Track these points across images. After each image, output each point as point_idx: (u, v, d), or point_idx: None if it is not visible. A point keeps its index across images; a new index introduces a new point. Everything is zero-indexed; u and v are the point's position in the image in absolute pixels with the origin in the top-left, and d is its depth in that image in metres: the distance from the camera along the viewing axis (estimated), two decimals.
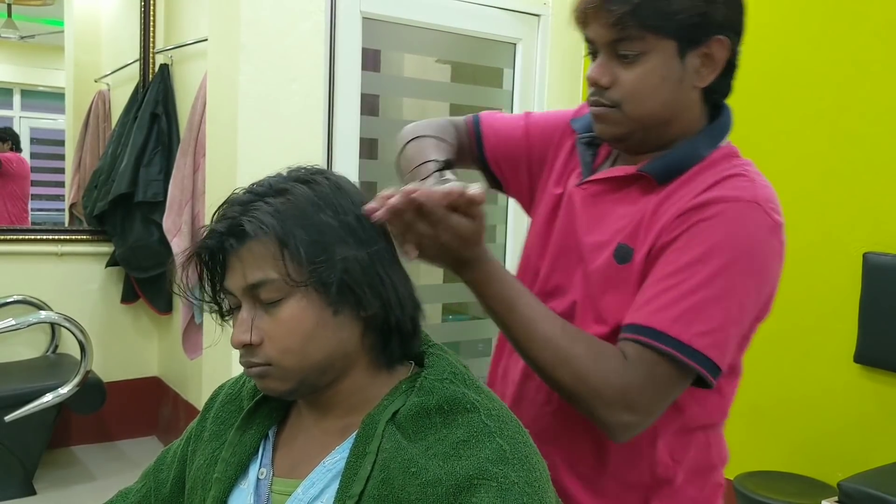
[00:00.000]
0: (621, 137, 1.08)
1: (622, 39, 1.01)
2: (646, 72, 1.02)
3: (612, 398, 0.95)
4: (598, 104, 1.06)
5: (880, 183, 2.32)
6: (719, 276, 0.96)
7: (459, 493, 0.81)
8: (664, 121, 1.06)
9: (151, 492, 1.05)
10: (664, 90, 1.04)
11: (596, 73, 1.05)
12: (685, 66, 1.03)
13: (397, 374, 0.94)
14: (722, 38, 1.05)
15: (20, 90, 4.36)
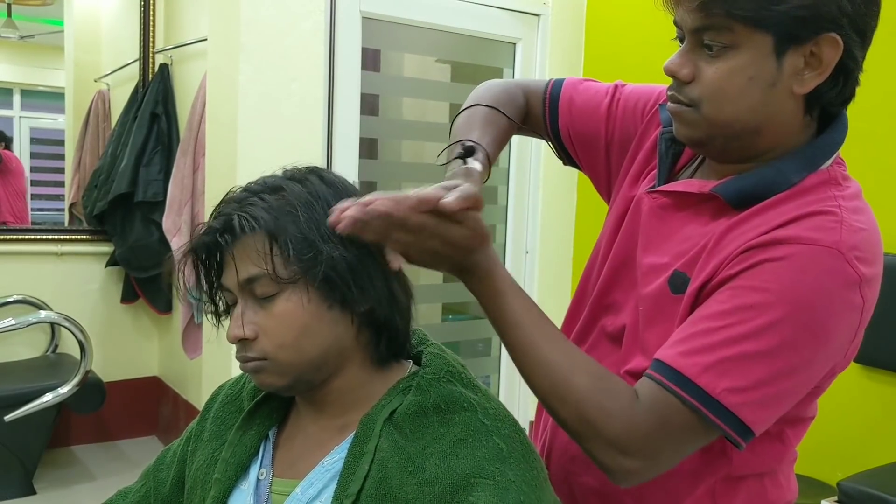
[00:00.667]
0: (699, 142, 0.93)
1: (708, 27, 0.86)
2: (731, 69, 0.86)
3: (612, 439, 0.83)
4: (674, 100, 0.93)
5: (880, 183, 2.32)
6: (772, 329, 0.81)
7: (457, 491, 0.81)
8: (751, 129, 0.89)
9: (151, 491, 1.05)
10: (752, 93, 0.86)
11: (675, 65, 0.92)
12: (782, 66, 0.85)
13: (394, 372, 0.94)
14: (835, 35, 0.85)
15: (20, 90, 4.36)
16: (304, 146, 2.62)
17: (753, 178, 0.89)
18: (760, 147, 0.90)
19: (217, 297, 0.93)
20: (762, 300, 0.81)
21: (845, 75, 0.90)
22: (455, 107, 3.48)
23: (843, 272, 0.83)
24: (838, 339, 0.87)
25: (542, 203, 3.27)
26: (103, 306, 3.75)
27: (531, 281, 3.27)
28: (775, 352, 0.81)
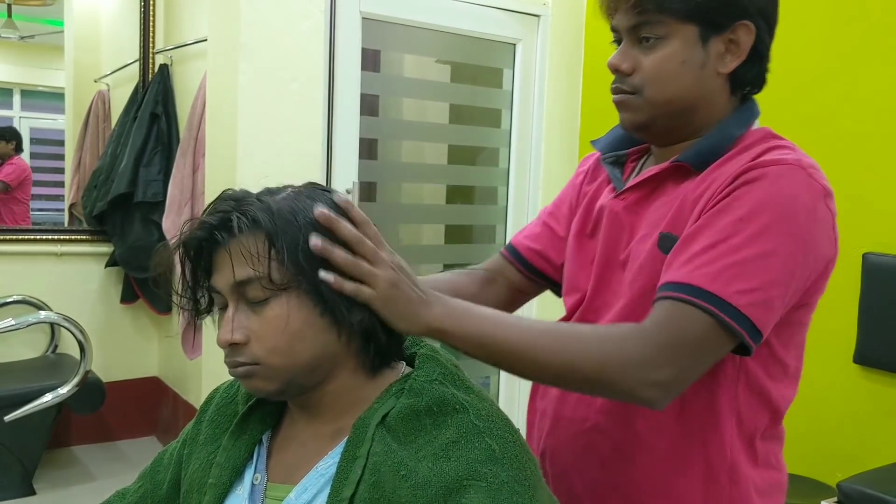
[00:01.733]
0: (644, 125, 1.05)
1: (643, 24, 1.00)
2: (666, 56, 1.00)
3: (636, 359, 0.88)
4: (619, 91, 1.04)
5: (880, 183, 2.32)
6: (761, 235, 0.91)
7: (450, 494, 0.81)
8: (687, 107, 1.03)
9: (148, 493, 1.04)
10: (685, 75, 1.01)
11: (617, 60, 1.03)
12: (708, 51, 1.01)
13: (387, 376, 0.93)
14: (748, 23, 1.01)
15: (20, 90, 4.36)
16: (304, 146, 2.62)
17: (706, 141, 1.03)
18: (697, 123, 1.04)
19: (199, 294, 0.91)
20: (749, 211, 0.92)
21: (759, 58, 1.05)
22: (455, 107, 3.48)
23: (808, 183, 0.95)
24: (818, 245, 0.97)
25: (542, 203, 3.26)
26: (103, 307, 3.75)
27: None
28: (770, 255, 0.91)
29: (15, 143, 4.09)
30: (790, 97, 2.55)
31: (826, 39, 2.45)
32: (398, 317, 0.87)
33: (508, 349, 0.91)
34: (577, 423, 1.09)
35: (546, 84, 3.22)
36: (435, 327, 0.89)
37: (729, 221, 0.92)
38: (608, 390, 0.93)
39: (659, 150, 1.10)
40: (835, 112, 2.43)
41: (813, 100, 2.48)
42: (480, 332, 0.90)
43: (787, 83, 2.56)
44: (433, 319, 0.88)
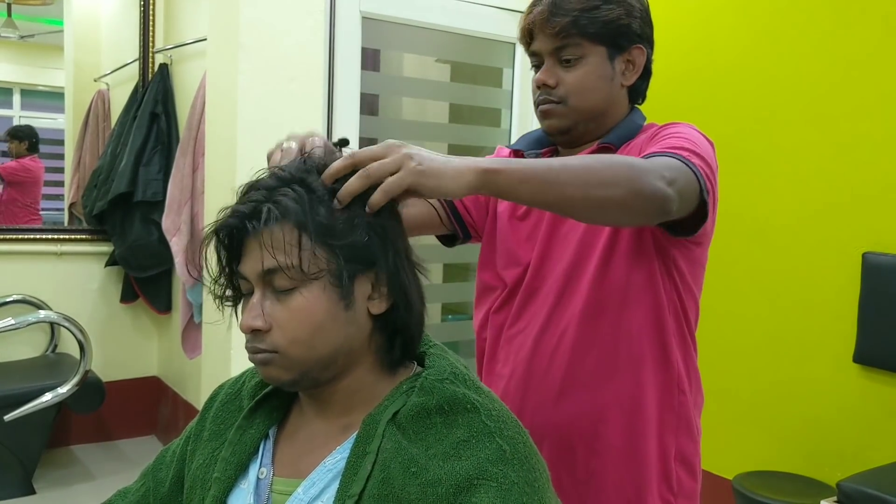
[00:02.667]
0: (567, 129, 1.27)
1: (564, 46, 1.23)
2: (586, 72, 1.24)
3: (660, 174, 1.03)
4: (546, 102, 1.26)
5: (880, 183, 2.32)
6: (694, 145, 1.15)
7: (459, 493, 0.81)
8: (601, 113, 1.27)
9: (150, 491, 1.04)
10: (601, 87, 1.26)
11: (544, 76, 1.26)
12: (614, 68, 1.27)
13: (399, 374, 0.94)
14: (641, 46, 1.29)
15: (20, 90, 4.36)
16: None
17: (620, 129, 1.28)
18: (605, 128, 1.29)
19: (233, 281, 0.91)
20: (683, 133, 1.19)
21: (648, 75, 1.34)
22: (455, 107, 3.48)
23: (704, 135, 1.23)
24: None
25: None
26: (103, 306, 3.75)
27: None
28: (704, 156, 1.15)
29: (28, 143, 4.05)
30: (790, 97, 2.55)
31: (826, 40, 2.45)
32: (441, 177, 0.87)
33: (558, 170, 0.97)
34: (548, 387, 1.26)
35: None
36: (483, 167, 0.90)
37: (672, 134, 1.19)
38: (639, 193, 1.01)
39: (566, 151, 1.32)
40: (835, 112, 2.43)
41: (813, 100, 2.48)
42: (526, 164, 0.95)
43: (787, 83, 2.56)
44: (480, 163, 0.91)
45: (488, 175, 0.91)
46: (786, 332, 2.55)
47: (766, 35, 2.61)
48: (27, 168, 4.07)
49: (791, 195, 2.54)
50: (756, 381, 2.64)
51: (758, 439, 2.63)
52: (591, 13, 1.22)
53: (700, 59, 2.83)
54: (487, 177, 0.91)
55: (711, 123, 2.79)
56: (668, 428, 1.35)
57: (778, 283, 2.57)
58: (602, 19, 1.23)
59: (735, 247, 2.71)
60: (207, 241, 0.89)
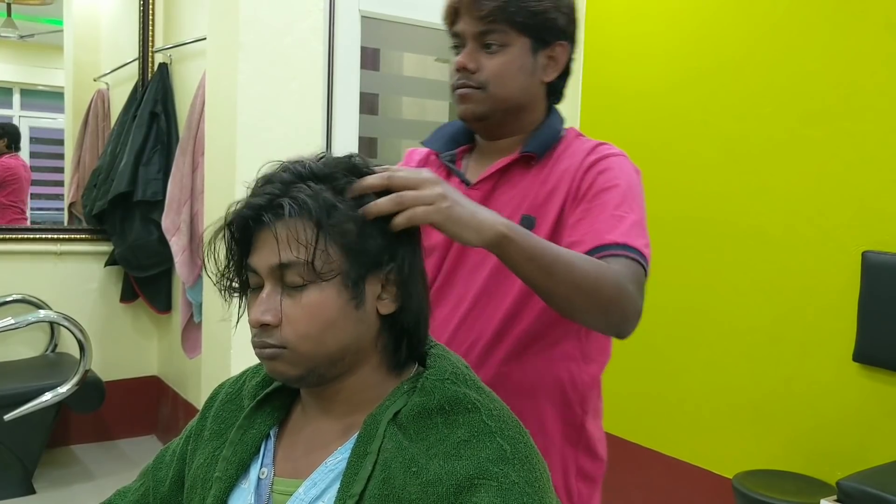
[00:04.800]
0: (483, 116, 1.25)
1: (489, 32, 1.21)
2: (507, 60, 1.22)
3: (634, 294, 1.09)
4: (465, 86, 1.24)
5: (879, 182, 2.32)
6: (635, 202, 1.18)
7: (460, 492, 0.81)
8: (519, 105, 1.26)
9: (150, 490, 1.04)
10: (521, 78, 1.24)
11: (465, 59, 1.23)
12: (536, 61, 1.24)
13: (401, 374, 0.94)
14: (564, 43, 1.26)
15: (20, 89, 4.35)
16: (304, 145, 2.62)
17: (541, 135, 1.27)
18: (522, 121, 1.28)
19: (241, 274, 0.91)
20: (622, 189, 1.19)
21: (567, 73, 1.31)
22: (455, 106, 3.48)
23: (633, 165, 1.25)
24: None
25: None
26: (102, 306, 3.75)
27: None
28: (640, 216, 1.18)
29: (7, 140, 3.98)
30: (791, 96, 2.55)
31: (826, 39, 2.45)
32: (464, 227, 0.92)
33: (563, 265, 1.02)
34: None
35: None
36: (503, 233, 0.95)
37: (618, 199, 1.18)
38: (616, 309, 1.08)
39: (486, 144, 1.31)
40: (835, 110, 2.43)
41: (813, 99, 2.48)
42: (536, 243, 1.00)
43: (787, 83, 2.56)
44: (501, 225, 0.95)
45: (504, 241, 0.96)
46: (785, 332, 2.55)
47: (767, 32, 2.61)
48: (7, 167, 4.02)
49: (791, 194, 2.54)
50: (756, 381, 2.64)
51: (758, 438, 2.63)
52: (520, 1, 1.20)
53: (700, 56, 2.83)
54: (503, 242, 0.96)
55: (711, 122, 2.79)
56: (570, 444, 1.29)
57: (777, 282, 2.57)
58: (530, 9, 1.21)
59: (735, 246, 2.71)
60: (219, 233, 0.89)
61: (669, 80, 2.94)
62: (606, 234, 1.14)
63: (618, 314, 1.09)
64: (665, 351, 2.96)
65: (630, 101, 3.10)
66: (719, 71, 2.76)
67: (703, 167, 2.82)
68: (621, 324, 1.10)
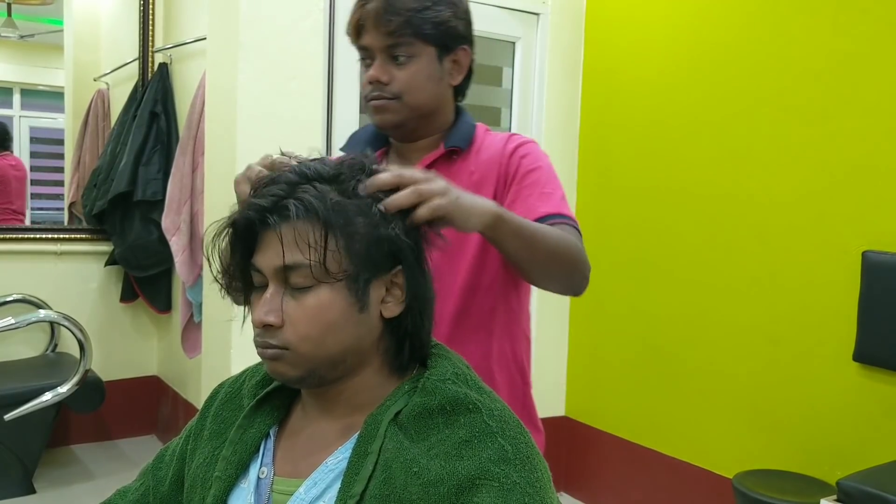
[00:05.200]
0: (399, 124, 1.33)
1: (398, 45, 1.28)
2: (418, 70, 1.29)
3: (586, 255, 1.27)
4: (380, 98, 1.31)
5: (879, 181, 2.32)
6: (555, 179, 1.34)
7: (461, 492, 0.81)
8: (432, 110, 1.34)
9: (150, 490, 1.04)
10: (432, 85, 1.32)
11: (377, 73, 1.29)
12: (443, 67, 1.33)
13: (403, 377, 0.94)
14: (465, 47, 1.35)
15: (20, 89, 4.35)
16: (304, 145, 2.61)
17: (460, 131, 1.38)
18: (435, 123, 1.37)
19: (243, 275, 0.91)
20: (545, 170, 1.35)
21: (470, 74, 1.39)
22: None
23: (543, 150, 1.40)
24: None
25: None
26: (102, 305, 3.75)
27: None
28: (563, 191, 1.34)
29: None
30: (791, 96, 2.55)
31: (827, 38, 2.45)
32: (469, 213, 1.01)
33: (540, 236, 1.18)
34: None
35: (546, 82, 3.22)
36: (498, 214, 1.08)
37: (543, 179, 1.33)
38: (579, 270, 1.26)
39: (403, 146, 1.39)
40: (834, 110, 2.43)
41: (813, 98, 2.48)
42: (520, 220, 1.14)
43: (787, 82, 2.56)
44: (494, 207, 1.08)
45: (499, 221, 1.08)
46: (785, 331, 2.55)
47: (767, 32, 2.61)
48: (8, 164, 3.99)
49: (790, 193, 2.54)
50: (756, 381, 2.64)
51: (758, 438, 2.63)
52: (422, 13, 1.27)
53: (700, 56, 2.83)
54: (498, 222, 1.08)
55: (711, 122, 2.79)
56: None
57: (778, 282, 2.57)
58: (433, 20, 1.28)
59: (735, 245, 2.71)
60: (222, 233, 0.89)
61: (669, 80, 2.94)
62: (542, 207, 1.29)
63: (579, 274, 1.27)
64: (665, 350, 2.96)
65: (630, 101, 3.10)
66: (719, 71, 2.76)
67: (703, 167, 2.82)
68: (582, 283, 1.28)
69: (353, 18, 1.31)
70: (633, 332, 3.10)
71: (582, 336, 3.35)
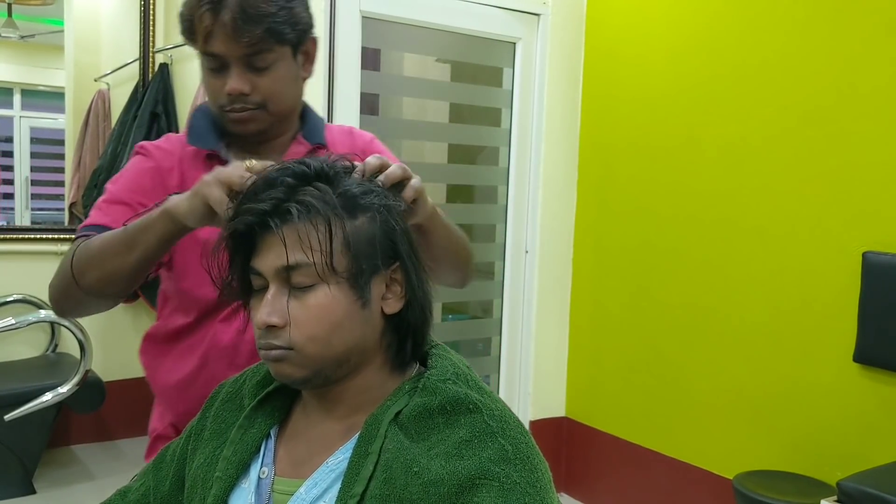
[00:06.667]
0: (265, 130, 1.28)
1: (256, 53, 1.20)
2: (280, 76, 1.24)
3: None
4: (244, 110, 1.23)
5: (879, 182, 2.32)
6: None
7: (462, 492, 0.81)
8: (289, 109, 1.31)
9: (150, 490, 1.04)
10: (293, 87, 1.29)
11: (239, 85, 1.21)
12: (297, 63, 1.28)
13: (405, 375, 0.95)
14: (313, 37, 1.31)
15: (20, 90, 4.34)
16: None
17: (316, 127, 1.37)
18: (292, 119, 1.34)
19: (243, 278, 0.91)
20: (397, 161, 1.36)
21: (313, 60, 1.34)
22: (455, 106, 3.48)
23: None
24: None
25: (541, 203, 3.27)
26: None
27: (531, 280, 3.26)
28: None
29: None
30: (791, 96, 2.55)
31: (826, 39, 2.45)
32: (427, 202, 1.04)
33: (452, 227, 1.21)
34: None
35: (546, 83, 3.23)
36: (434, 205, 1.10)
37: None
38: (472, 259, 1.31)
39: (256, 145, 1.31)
40: (834, 110, 2.43)
41: (812, 98, 2.48)
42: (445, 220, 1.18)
43: (787, 83, 2.56)
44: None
45: (435, 211, 1.11)
46: (785, 332, 2.55)
47: (767, 32, 2.61)
48: None
49: (791, 194, 2.54)
50: (756, 381, 2.64)
51: (758, 439, 2.63)
52: (280, 16, 1.19)
53: (700, 56, 2.83)
54: (435, 213, 1.10)
55: (711, 123, 2.79)
56: None
57: (778, 283, 2.57)
58: (291, 22, 1.22)
59: (735, 246, 2.71)
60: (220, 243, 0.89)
61: (670, 80, 2.94)
62: None
63: (472, 264, 1.32)
64: (665, 351, 2.96)
65: (631, 101, 3.10)
66: (719, 71, 2.76)
67: (704, 167, 2.82)
68: (473, 272, 1.33)
69: (199, 25, 1.19)
70: (633, 333, 3.10)
71: (582, 336, 3.35)
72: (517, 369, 3.30)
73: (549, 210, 3.28)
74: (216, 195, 0.95)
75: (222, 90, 1.23)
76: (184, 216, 1.03)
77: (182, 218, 1.03)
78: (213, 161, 1.30)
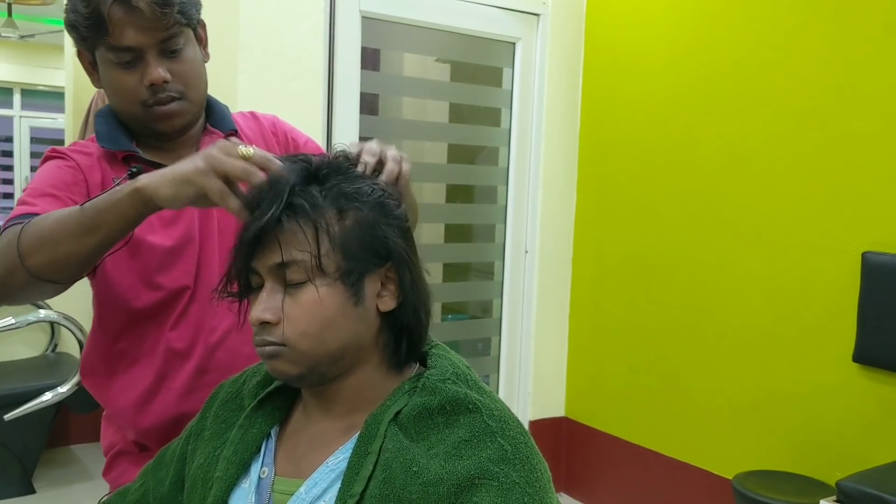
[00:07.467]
0: (189, 123, 1.27)
1: (171, 37, 1.19)
2: (191, 58, 1.23)
3: None
4: (170, 100, 1.22)
5: (879, 182, 2.32)
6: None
7: (461, 492, 0.81)
8: (205, 96, 1.30)
9: (150, 490, 1.05)
10: (202, 69, 1.27)
11: (161, 73, 1.19)
12: (199, 46, 1.27)
13: (404, 374, 0.95)
14: (202, 20, 1.28)
15: (20, 89, 4.35)
16: None
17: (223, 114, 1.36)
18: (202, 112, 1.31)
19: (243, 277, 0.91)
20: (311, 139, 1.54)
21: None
22: (455, 106, 3.48)
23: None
24: None
25: (541, 203, 3.27)
26: None
27: (531, 281, 3.27)
28: None
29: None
30: (791, 96, 2.55)
31: (826, 39, 2.45)
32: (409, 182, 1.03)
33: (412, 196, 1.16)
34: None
35: (546, 83, 3.23)
36: None
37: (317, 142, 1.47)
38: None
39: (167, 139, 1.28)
40: (834, 111, 2.43)
41: (813, 99, 2.48)
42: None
43: (787, 83, 2.56)
44: None
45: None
46: (785, 332, 2.55)
47: (766, 32, 2.61)
48: None
49: (791, 194, 2.54)
50: (756, 381, 2.64)
51: (757, 439, 2.63)
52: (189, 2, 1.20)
53: (700, 57, 2.83)
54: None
55: (711, 123, 2.79)
56: None
57: (777, 283, 2.57)
58: (193, 1, 1.22)
59: (735, 246, 2.71)
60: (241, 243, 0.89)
61: (670, 80, 2.94)
62: None
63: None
64: (665, 350, 2.96)
65: (630, 101, 3.10)
66: (719, 71, 2.76)
67: (704, 167, 2.82)
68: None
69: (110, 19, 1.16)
70: (632, 333, 3.10)
71: (582, 336, 3.35)
72: (517, 369, 3.30)
73: (549, 210, 3.28)
74: (216, 186, 0.92)
75: (140, 84, 1.20)
76: (164, 200, 0.96)
77: (161, 201, 0.96)
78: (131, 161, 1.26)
